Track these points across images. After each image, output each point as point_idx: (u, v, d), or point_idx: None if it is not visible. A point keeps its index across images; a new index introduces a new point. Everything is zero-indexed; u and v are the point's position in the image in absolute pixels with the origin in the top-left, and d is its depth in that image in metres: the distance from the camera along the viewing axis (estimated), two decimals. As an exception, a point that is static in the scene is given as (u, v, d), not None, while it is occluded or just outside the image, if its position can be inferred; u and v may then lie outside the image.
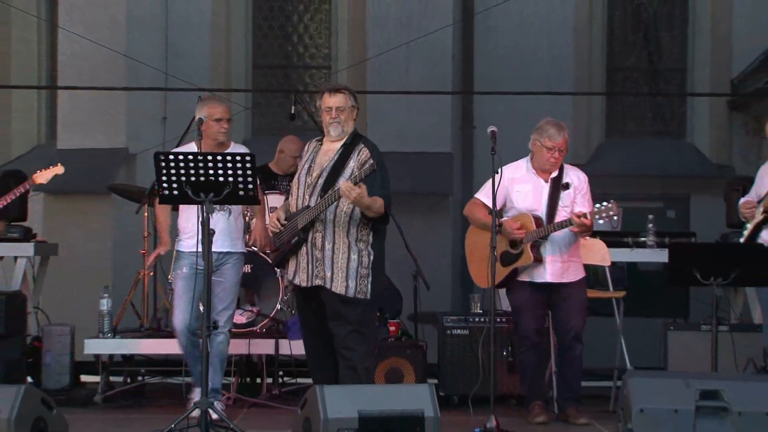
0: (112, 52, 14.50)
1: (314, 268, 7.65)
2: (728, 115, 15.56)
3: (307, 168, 7.86)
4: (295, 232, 7.70)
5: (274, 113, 14.89)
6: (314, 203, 7.66)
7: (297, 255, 7.72)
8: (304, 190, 7.79)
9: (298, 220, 7.70)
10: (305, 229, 7.64)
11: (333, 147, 7.87)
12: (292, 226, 7.73)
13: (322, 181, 7.74)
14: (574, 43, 15.46)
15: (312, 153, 7.95)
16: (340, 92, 7.95)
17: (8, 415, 6.23)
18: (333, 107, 7.84)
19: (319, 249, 7.68)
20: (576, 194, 8.45)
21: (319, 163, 7.83)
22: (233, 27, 15.68)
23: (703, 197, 14.48)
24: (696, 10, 15.75)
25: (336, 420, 6.17)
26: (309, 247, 7.69)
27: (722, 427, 6.40)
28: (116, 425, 7.94)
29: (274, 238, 7.83)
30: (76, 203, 14.78)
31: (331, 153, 7.85)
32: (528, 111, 12.56)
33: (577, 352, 8.56)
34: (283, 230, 7.75)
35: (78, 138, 15.40)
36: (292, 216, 7.75)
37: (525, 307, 8.59)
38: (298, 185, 7.85)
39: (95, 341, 9.90)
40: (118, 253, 13.58)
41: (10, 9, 15.67)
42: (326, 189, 7.65)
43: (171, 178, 7.42)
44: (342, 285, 7.60)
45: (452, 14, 15.02)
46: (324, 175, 7.75)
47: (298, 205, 7.77)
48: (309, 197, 7.73)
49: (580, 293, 8.59)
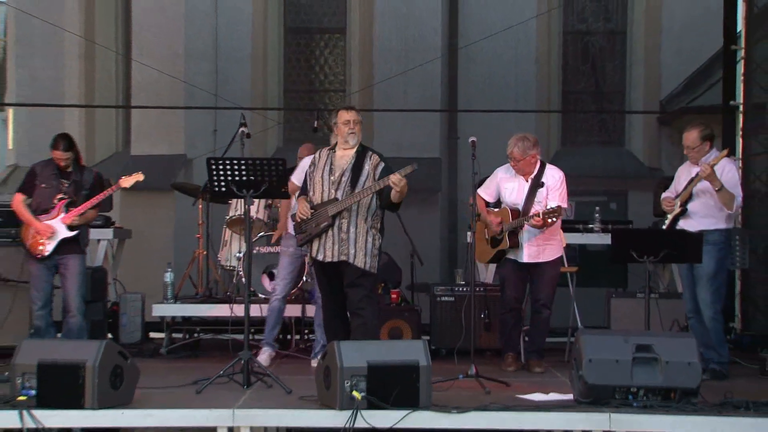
0: (174, 78, 14.56)
1: (340, 247, 7.65)
2: (658, 129, 15.58)
3: (329, 170, 7.78)
4: (324, 219, 7.67)
5: (301, 127, 14.86)
6: (341, 197, 7.66)
7: (322, 237, 7.70)
8: (329, 186, 7.73)
9: (328, 209, 7.67)
10: (334, 216, 7.66)
11: (347, 153, 7.83)
12: (321, 214, 7.69)
13: (346, 180, 7.71)
14: (536, 72, 15.49)
15: (328, 158, 7.87)
16: (354, 110, 7.97)
17: (93, 363, 6.24)
18: (351, 120, 7.81)
19: (344, 232, 7.68)
20: (549, 191, 8.39)
21: (339, 166, 7.78)
22: (269, 59, 15.71)
23: (638, 193, 14.48)
24: (632, 45, 15.78)
25: (349, 368, 6.17)
26: (335, 231, 7.68)
27: (653, 374, 6.37)
28: (177, 372, 7.95)
29: (302, 223, 7.78)
30: (145, 197, 14.73)
31: (347, 158, 7.80)
32: (500, 125, 12.63)
33: (543, 316, 8.53)
34: (311, 218, 7.74)
35: (147, 146, 15.44)
36: (320, 206, 7.71)
37: (508, 279, 8.59)
38: (321, 183, 7.78)
39: (161, 305, 9.96)
40: (178, 237, 13.57)
41: (95, 45, 15.78)
42: (353, 185, 7.67)
43: (219, 178, 7.49)
44: (362, 261, 7.64)
45: (440, 49, 15.08)
46: (347, 174, 7.72)
47: (324, 198, 7.73)
48: (335, 192, 7.71)
49: (552, 270, 8.53)
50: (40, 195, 8.27)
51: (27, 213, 8.24)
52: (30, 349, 6.48)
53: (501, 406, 6.45)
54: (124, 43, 16.20)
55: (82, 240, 8.42)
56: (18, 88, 17.01)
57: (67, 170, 8.31)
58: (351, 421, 6.07)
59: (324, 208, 7.69)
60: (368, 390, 6.15)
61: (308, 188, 7.90)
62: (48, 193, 8.25)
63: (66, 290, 8.33)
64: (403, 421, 6.14)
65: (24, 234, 8.31)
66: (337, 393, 6.17)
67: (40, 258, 8.22)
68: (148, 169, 14.01)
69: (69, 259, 8.28)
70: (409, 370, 6.25)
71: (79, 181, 8.33)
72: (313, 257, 7.85)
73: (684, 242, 8.08)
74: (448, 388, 7.03)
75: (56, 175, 8.29)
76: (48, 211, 8.22)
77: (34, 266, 8.30)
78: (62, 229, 8.18)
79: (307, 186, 7.92)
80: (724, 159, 8.02)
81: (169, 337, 10.07)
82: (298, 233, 7.93)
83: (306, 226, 7.75)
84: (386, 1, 15.38)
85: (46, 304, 8.31)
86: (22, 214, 8.29)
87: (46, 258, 8.22)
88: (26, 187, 8.35)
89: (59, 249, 8.22)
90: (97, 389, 6.23)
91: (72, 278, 8.29)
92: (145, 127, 15.66)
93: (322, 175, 7.82)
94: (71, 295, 8.29)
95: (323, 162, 7.90)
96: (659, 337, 6.73)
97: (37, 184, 8.30)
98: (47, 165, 8.37)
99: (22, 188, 8.38)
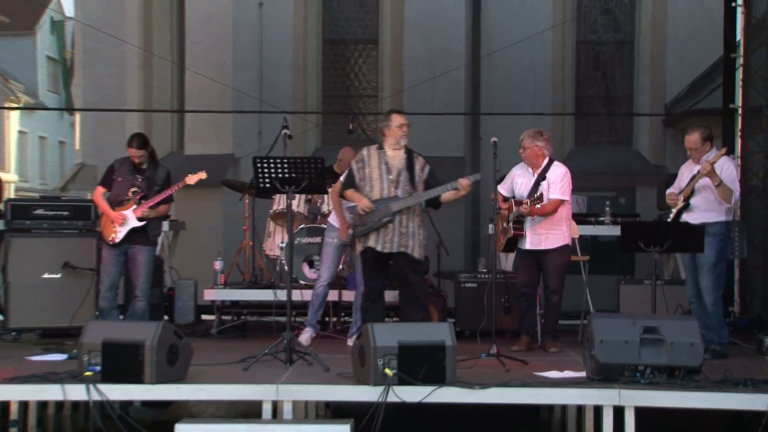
0: (223, 85, 14.61)
1: (400, 240, 7.76)
2: (663, 130, 15.53)
3: (386, 169, 7.84)
4: (387, 213, 7.72)
5: (337, 129, 14.91)
6: (401, 194, 7.76)
7: (380, 230, 7.75)
8: (388, 184, 7.79)
9: (391, 206, 7.74)
10: (395, 212, 7.72)
11: (398, 154, 7.88)
12: (383, 210, 7.73)
13: (404, 179, 7.81)
14: (551, 78, 15.49)
15: (380, 157, 7.90)
16: (405, 114, 8.04)
17: (151, 342, 6.27)
18: (405, 124, 7.90)
19: (404, 227, 7.78)
20: (550, 185, 8.31)
21: (394, 165, 7.84)
22: (308, 67, 15.78)
23: (645, 189, 14.40)
24: (639, 54, 15.76)
25: (382, 347, 6.17)
26: (396, 225, 7.76)
27: (659, 353, 6.35)
28: (226, 351, 7.97)
29: (364, 217, 7.78)
30: (197, 193, 14.64)
31: (398, 158, 7.86)
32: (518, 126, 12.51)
33: (553, 302, 8.43)
34: (372, 212, 7.75)
35: (199, 147, 15.57)
36: (381, 202, 7.76)
37: (518, 266, 8.56)
38: (381, 180, 7.82)
39: (211, 290, 9.96)
40: (226, 229, 13.58)
41: (153, 56, 15.90)
42: (412, 184, 7.81)
43: (264, 175, 7.50)
44: (418, 252, 7.82)
45: (464, 58, 15.07)
46: (403, 174, 7.80)
47: (383, 195, 7.79)
48: (395, 189, 7.79)
49: (559, 258, 8.38)
50: (117, 188, 8.38)
51: (104, 203, 8.38)
52: (95, 330, 6.52)
53: (520, 383, 6.45)
54: (178, 53, 16.32)
55: (151, 232, 8.48)
56: (84, 95, 17.20)
57: (142, 167, 8.41)
58: (383, 396, 6.08)
59: (386, 204, 7.74)
60: (399, 367, 6.15)
61: (361, 184, 7.91)
62: (124, 186, 8.35)
63: (134, 277, 8.42)
64: (431, 396, 6.14)
65: (101, 222, 8.46)
66: (371, 370, 6.18)
67: (112, 244, 8.31)
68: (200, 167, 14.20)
69: (138, 250, 8.37)
70: (436, 350, 6.24)
71: (152, 177, 8.42)
72: (368, 247, 7.85)
73: (687, 234, 8.05)
74: (472, 366, 7.01)
75: (132, 171, 8.39)
76: (123, 203, 8.32)
77: (105, 251, 8.43)
78: (133, 219, 8.28)
79: (357, 181, 7.93)
80: (723, 157, 8.00)
81: (219, 319, 10.08)
82: (357, 225, 7.91)
83: (367, 220, 7.77)
84: (414, 15, 15.37)
85: (111, 287, 8.40)
86: (99, 204, 8.46)
87: (117, 245, 8.30)
88: (105, 180, 8.49)
89: (130, 238, 8.31)
90: (155, 366, 6.26)
91: (140, 267, 8.38)
92: (197, 130, 15.78)
93: (380, 174, 7.84)
94: (139, 282, 8.38)
95: (376, 161, 7.91)
96: (664, 320, 6.71)
97: (115, 178, 8.41)
98: (125, 161, 8.47)
99: (102, 182, 8.52)
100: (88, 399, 6.18)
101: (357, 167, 7.98)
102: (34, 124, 34.21)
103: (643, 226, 9.46)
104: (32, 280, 9.16)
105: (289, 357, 7.16)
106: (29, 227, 9.87)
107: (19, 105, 30.79)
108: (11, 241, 9.39)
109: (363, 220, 7.81)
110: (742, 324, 9.76)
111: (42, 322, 9.04)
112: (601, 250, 10.50)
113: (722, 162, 7.96)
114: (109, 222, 8.31)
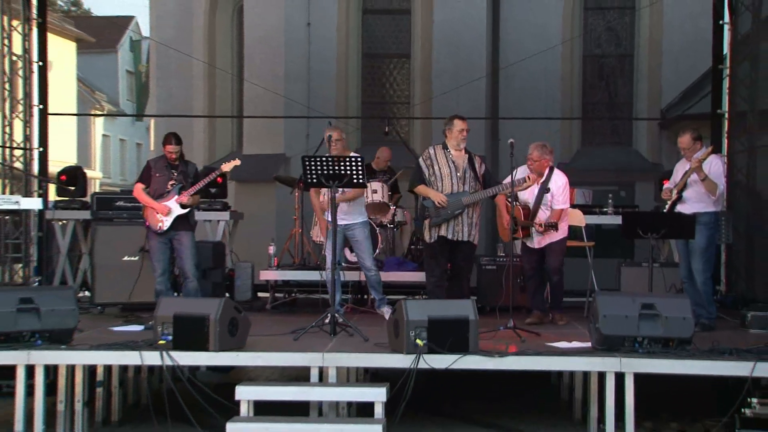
0: (275, 94, 14.63)
1: (470, 230, 7.82)
2: (659, 132, 15.39)
3: (453, 167, 7.85)
4: (459, 206, 7.75)
5: (375, 131, 14.86)
6: (468, 189, 7.80)
7: (452, 220, 7.78)
8: (457, 180, 7.82)
9: (463, 199, 7.76)
10: (467, 205, 7.76)
11: (461, 154, 7.90)
12: (456, 203, 7.75)
13: (470, 176, 7.85)
14: (561, 87, 15.40)
15: (446, 156, 7.90)
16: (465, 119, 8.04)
17: (215, 316, 6.30)
18: (465, 129, 7.91)
19: (470, 218, 7.83)
20: (553, 197, 8.21)
21: (460, 164, 7.86)
22: (349, 78, 15.77)
23: (643, 183, 14.30)
24: (638, 65, 15.65)
25: (414, 321, 6.16)
26: (465, 217, 7.80)
27: (655, 326, 6.32)
28: (279, 324, 7.99)
29: (439, 209, 7.79)
30: (254, 187, 14.90)
31: (461, 157, 7.89)
32: (532, 129, 12.53)
33: (555, 281, 8.39)
34: (447, 206, 7.76)
35: (255, 147, 15.61)
36: (453, 196, 7.77)
37: (524, 256, 8.48)
38: (450, 177, 7.84)
39: (266, 271, 9.98)
40: (279, 218, 13.55)
41: (216, 69, 15.99)
42: (476, 179, 7.87)
43: (311, 172, 7.49)
44: (477, 240, 7.98)
45: (485, 69, 15.01)
46: (468, 172, 7.84)
47: (453, 190, 7.81)
48: (463, 185, 7.82)
49: (558, 246, 8.32)
50: (156, 183, 8.19)
51: (147, 197, 8.16)
52: (167, 305, 6.57)
53: (534, 352, 6.44)
54: (237, 67, 16.40)
55: (192, 219, 8.35)
56: (158, 103, 17.31)
57: (175, 163, 8.24)
58: (415, 363, 6.08)
59: (458, 198, 7.75)
60: (429, 338, 6.15)
61: (431, 179, 7.89)
62: (162, 180, 8.18)
63: (183, 261, 8.21)
64: (456, 363, 6.14)
65: (145, 215, 8.24)
66: (404, 341, 6.18)
67: (159, 233, 8.12)
68: (256, 165, 14.33)
69: (183, 236, 8.18)
70: (460, 323, 6.24)
71: (185, 171, 8.25)
72: (441, 236, 7.86)
73: (680, 222, 8.03)
74: (492, 337, 6.99)
75: (167, 167, 8.23)
76: (163, 195, 8.13)
77: (154, 241, 8.18)
78: (176, 207, 8.08)
79: (426, 177, 7.91)
80: (712, 155, 7.97)
81: (273, 296, 10.12)
82: (433, 216, 7.88)
83: (442, 212, 7.79)
84: (441, 32, 15.32)
85: (164, 272, 8.22)
86: (143, 199, 8.20)
87: (163, 233, 8.11)
88: (144, 177, 8.29)
89: (174, 226, 8.11)
90: (218, 336, 6.31)
91: (187, 251, 8.18)
92: (254, 133, 15.82)
93: (449, 171, 7.85)
94: (188, 264, 8.18)
95: (443, 159, 7.93)
96: (660, 297, 6.69)
97: (153, 174, 8.24)
98: (159, 159, 8.35)
99: (140, 179, 8.32)
100: (162, 364, 6.24)
101: (426, 165, 7.96)
102: (115, 129, 34.54)
103: (641, 215, 9.44)
104: (114, 263, 9.20)
105: (333, 329, 7.17)
106: (111, 217, 9.99)
107: (102, 112, 31.07)
108: (96, 229, 9.47)
109: (438, 212, 7.82)
110: (728, 301, 9.65)
111: (122, 298, 9.07)
112: (604, 236, 10.39)
113: (711, 159, 7.94)
114: (155, 213, 8.10)
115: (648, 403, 6.58)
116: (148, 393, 7.67)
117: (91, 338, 7.01)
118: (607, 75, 15.80)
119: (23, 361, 6.29)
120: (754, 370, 6.06)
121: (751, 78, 10.38)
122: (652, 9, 15.09)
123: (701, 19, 12.06)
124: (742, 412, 6.48)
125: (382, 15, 16.07)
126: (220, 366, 7.64)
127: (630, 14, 15.72)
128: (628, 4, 15.76)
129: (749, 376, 6.08)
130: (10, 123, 10.90)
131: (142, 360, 6.32)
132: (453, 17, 15.13)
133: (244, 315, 6.65)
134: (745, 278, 10.33)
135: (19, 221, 10.78)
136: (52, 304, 6.57)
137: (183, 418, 6.37)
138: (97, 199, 10.37)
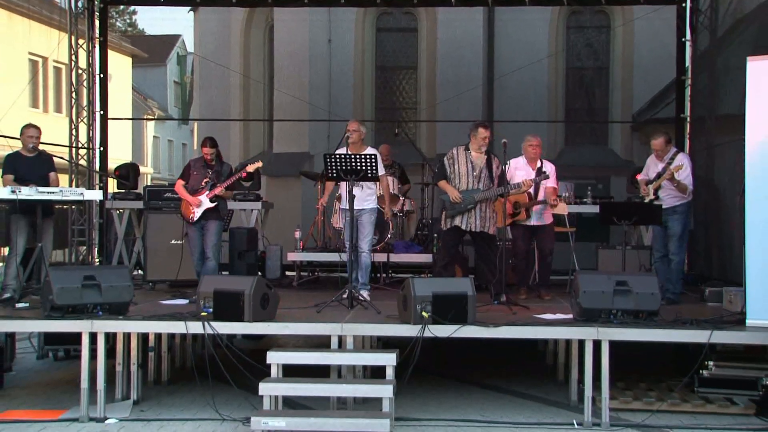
0: (301, 100, 14.63)
1: (483, 222, 7.73)
2: (630, 134, 15.32)
3: (471, 167, 7.75)
4: (471, 202, 7.69)
5: (387, 133, 14.79)
6: (482, 187, 7.71)
7: (465, 213, 7.72)
8: (473, 179, 7.72)
9: (475, 196, 7.69)
10: (479, 201, 7.70)
11: (480, 156, 7.78)
12: (469, 199, 7.69)
13: (485, 176, 7.74)
14: (547, 95, 15.33)
15: (466, 157, 7.79)
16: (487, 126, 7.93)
17: (249, 291, 6.26)
18: (487, 136, 7.78)
19: (483, 211, 7.75)
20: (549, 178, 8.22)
21: (477, 165, 7.75)
22: (365, 87, 15.71)
23: (617, 178, 14.22)
24: (613, 76, 15.57)
25: (420, 296, 6.14)
26: (477, 210, 7.73)
27: (627, 300, 6.28)
28: (304, 298, 7.96)
29: (454, 204, 7.73)
30: (283, 181, 14.87)
31: (480, 159, 7.77)
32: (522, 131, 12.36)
33: (547, 261, 8.39)
34: (461, 201, 7.71)
35: (283, 146, 15.61)
36: (467, 192, 7.71)
37: (520, 237, 8.38)
38: (467, 175, 7.75)
39: (293, 253, 9.98)
40: (304, 207, 13.53)
41: (250, 79, 15.95)
42: (491, 178, 7.74)
43: (332, 167, 7.46)
44: (493, 229, 7.86)
45: (482, 79, 14.96)
46: (484, 171, 7.73)
47: (469, 187, 7.73)
48: (477, 183, 7.73)
49: (549, 229, 8.40)
50: (193, 180, 8.12)
51: (184, 192, 8.07)
52: (208, 282, 6.56)
53: (523, 322, 6.43)
54: (268, 77, 16.34)
55: (222, 210, 8.17)
56: (200, 109, 17.30)
57: (212, 163, 8.12)
58: (421, 332, 6.07)
59: (471, 195, 7.72)
60: (433, 311, 6.12)
61: (451, 176, 7.81)
62: (198, 178, 8.10)
63: (205, 242, 8.04)
64: (456, 332, 6.12)
65: (182, 207, 8.17)
66: (412, 313, 6.16)
67: (192, 223, 8.03)
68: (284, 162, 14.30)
69: (210, 224, 8.05)
70: (460, 298, 6.20)
71: (219, 170, 8.12)
72: (455, 226, 7.81)
73: (649, 211, 8.02)
74: (487, 310, 6.96)
75: (204, 166, 8.13)
76: (198, 190, 8.05)
77: (189, 230, 8.11)
78: (206, 201, 7.98)
79: (448, 174, 7.84)
80: (681, 155, 8.08)
81: (299, 274, 10.12)
82: (448, 209, 7.83)
83: (456, 206, 7.75)
84: (444, 48, 15.26)
85: (200, 257, 8.09)
86: (180, 193, 8.12)
87: (195, 222, 8.03)
88: (184, 175, 8.21)
89: (204, 215, 8.01)
90: (252, 309, 6.28)
91: (210, 235, 8.03)
92: (282, 134, 15.80)
93: (467, 170, 7.77)
94: (209, 245, 8.01)
95: (463, 159, 7.82)
96: (632, 276, 6.66)
97: (191, 173, 8.16)
98: (198, 160, 8.24)
99: (181, 176, 8.23)
100: (204, 332, 6.23)
101: (448, 163, 7.88)
102: (164, 131, 34.58)
103: (616, 205, 9.48)
104: (163, 246, 9.23)
105: (350, 303, 7.17)
106: (161, 206, 9.98)
107: (153, 117, 31.17)
108: (148, 216, 9.51)
109: (453, 206, 7.79)
110: (690, 279, 9.61)
111: (170, 276, 9.08)
112: (584, 223, 10.35)
113: (681, 158, 8.02)
114: (188, 205, 8.03)
115: (621, 366, 6.55)
116: (193, 357, 7.71)
117: (143, 310, 7.02)
118: (586, 84, 15.73)
119: (87, 329, 6.30)
120: (710, 337, 6.05)
121: (709, 88, 10.47)
122: (624, 28, 15.06)
123: (666, 36, 11.98)
124: (701, 373, 6.57)
125: (393, 33, 15.99)
126: (253, 334, 7.67)
127: (606, 32, 15.64)
128: (604, 24, 15.69)
129: (707, 342, 6.07)
130: (76, 127, 11.20)
131: (187, 329, 6.30)
132: (454, 35, 15.05)
133: (274, 291, 6.63)
134: (704, 259, 10.36)
135: (83, 210, 10.99)
136: (111, 281, 6.58)
137: (222, 378, 6.41)
138: (149, 191, 10.37)
